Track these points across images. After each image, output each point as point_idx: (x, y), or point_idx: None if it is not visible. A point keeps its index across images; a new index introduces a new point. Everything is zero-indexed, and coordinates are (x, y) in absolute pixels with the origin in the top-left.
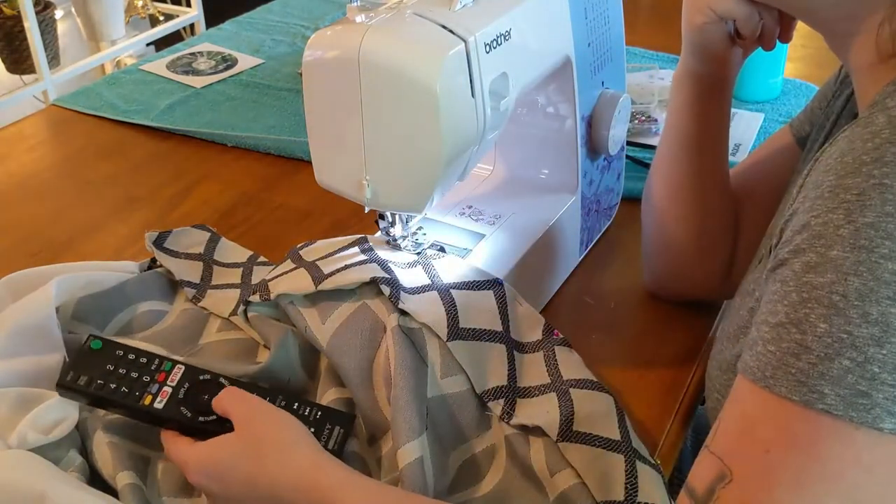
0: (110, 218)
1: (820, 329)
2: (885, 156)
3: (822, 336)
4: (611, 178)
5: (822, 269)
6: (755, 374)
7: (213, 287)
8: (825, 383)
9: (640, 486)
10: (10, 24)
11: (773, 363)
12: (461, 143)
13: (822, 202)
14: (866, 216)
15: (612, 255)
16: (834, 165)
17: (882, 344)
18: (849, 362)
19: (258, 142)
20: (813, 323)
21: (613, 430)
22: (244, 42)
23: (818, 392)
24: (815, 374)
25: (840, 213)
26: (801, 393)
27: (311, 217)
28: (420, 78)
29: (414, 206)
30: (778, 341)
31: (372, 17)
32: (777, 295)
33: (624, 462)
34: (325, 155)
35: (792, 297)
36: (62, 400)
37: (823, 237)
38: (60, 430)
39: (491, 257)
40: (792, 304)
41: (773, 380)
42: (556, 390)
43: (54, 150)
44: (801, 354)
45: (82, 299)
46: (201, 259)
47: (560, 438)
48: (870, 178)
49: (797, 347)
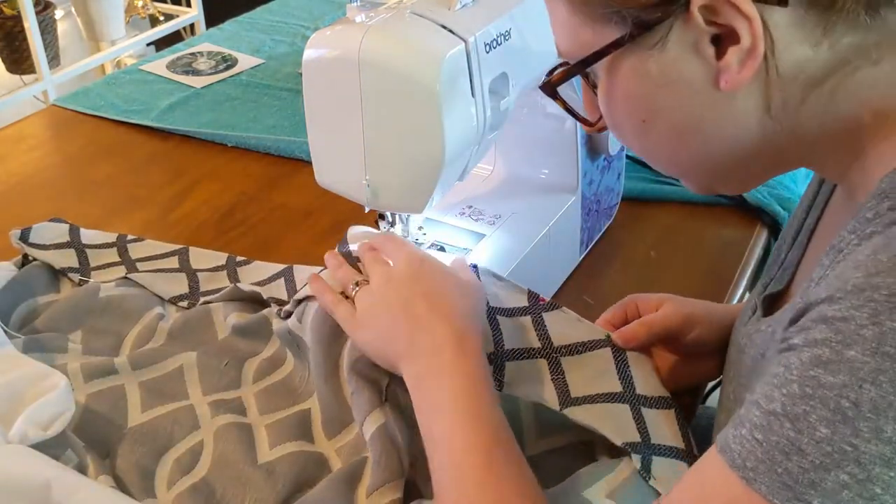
0: (110, 218)
1: (820, 434)
2: None
3: (822, 442)
4: (611, 178)
5: (834, 368)
6: (734, 459)
7: (96, 269)
8: (815, 494)
9: (652, 429)
10: (10, 24)
11: (757, 454)
12: (461, 143)
13: (847, 297)
14: (895, 320)
15: (612, 255)
16: (864, 262)
17: (891, 466)
18: (848, 477)
19: (258, 142)
20: (812, 424)
21: (614, 384)
22: (244, 42)
23: (804, 501)
24: (805, 482)
25: (865, 312)
26: (785, 497)
27: (311, 217)
28: (420, 78)
29: (414, 206)
30: (768, 431)
31: (372, 17)
32: (777, 380)
33: (630, 409)
34: (325, 155)
35: (793, 388)
36: (59, 394)
37: (842, 333)
38: (59, 424)
39: (491, 257)
40: (791, 396)
41: (753, 472)
42: (546, 357)
43: (54, 150)
44: (791, 454)
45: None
46: (71, 246)
47: (563, 406)
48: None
49: (789, 445)
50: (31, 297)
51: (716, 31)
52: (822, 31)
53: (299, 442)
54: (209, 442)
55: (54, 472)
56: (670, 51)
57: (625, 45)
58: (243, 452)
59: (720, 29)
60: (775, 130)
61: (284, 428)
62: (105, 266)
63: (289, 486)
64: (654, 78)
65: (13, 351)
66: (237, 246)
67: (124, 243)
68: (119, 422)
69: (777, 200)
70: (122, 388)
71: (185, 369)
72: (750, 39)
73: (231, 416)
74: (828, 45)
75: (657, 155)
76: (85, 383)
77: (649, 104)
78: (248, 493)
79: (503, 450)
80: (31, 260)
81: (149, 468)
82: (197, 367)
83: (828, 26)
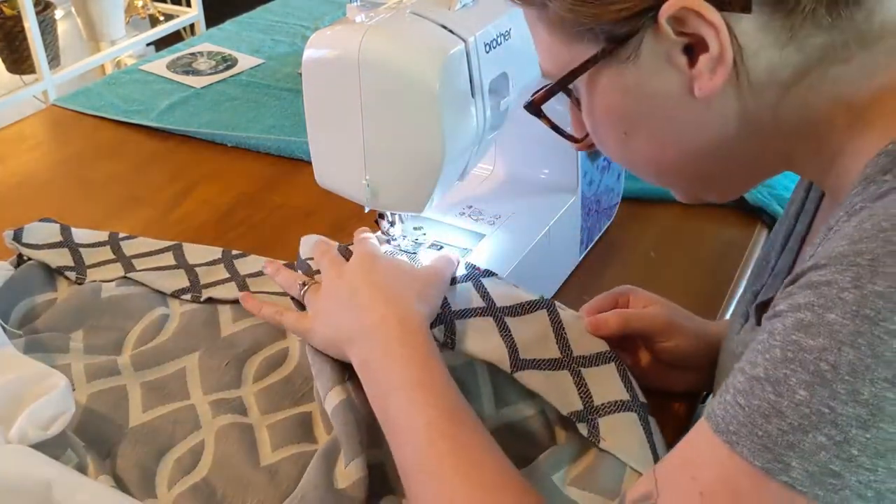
0: (110, 218)
1: (798, 396)
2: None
3: (800, 404)
4: (611, 178)
5: (814, 331)
6: (718, 424)
7: (91, 266)
8: (794, 455)
9: (594, 390)
10: (10, 24)
11: (739, 418)
12: (461, 143)
13: (831, 263)
14: (876, 284)
15: (612, 255)
16: (850, 233)
17: (868, 427)
18: (825, 439)
19: (258, 142)
20: (792, 387)
21: (553, 349)
22: (244, 42)
23: (783, 462)
24: (783, 443)
25: (848, 276)
26: (765, 459)
27: (311, 217)
28: (420, 78)
29: (414, 206)
30: (749, 395)
31: (372, 17)
32: (761, 346)
33: (570, 375)
34: (325, 155)
35: (775, 353)
36: (59, 394)
37: (824, 297)
38: (59, 424)
39: (491, 257)
40: (773, 361)
41: (735, 436)
42: (492, 315)
43: (54, 150)
44: (771, 417)
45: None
46: (65, 245)
47: (514, 369)
48: (887, 244)
49: (769, 409)
50: (28, 296)
51: (686, 41)
52: (789, 34)
53: (301, 444)
54: (210, 442)
55: (55, 472)
56: (644, 63)
57: (600, 61)
58: (245, 454)
59: (690, 38)
60: (753, 134)
61: (286, 429)
62: (101, 264)
63: (292, 487)
64: (631, 90)
65: (13, 351)
66: (237, 246)
67: (117, 241)
68: (120, 422)
69: (777, 200)
70: (124, 388)
71: (187, 371)
72: (718, 47)
73: (232, 417)
74: (795, 48)
75: (641, 166)
76: (87, 383)
77: (629, 116)
78: (249, 494)
79: (462, 419)
80: (27, 259)
81: (149, 468)
82: (198, 366)
83: (793, 29)
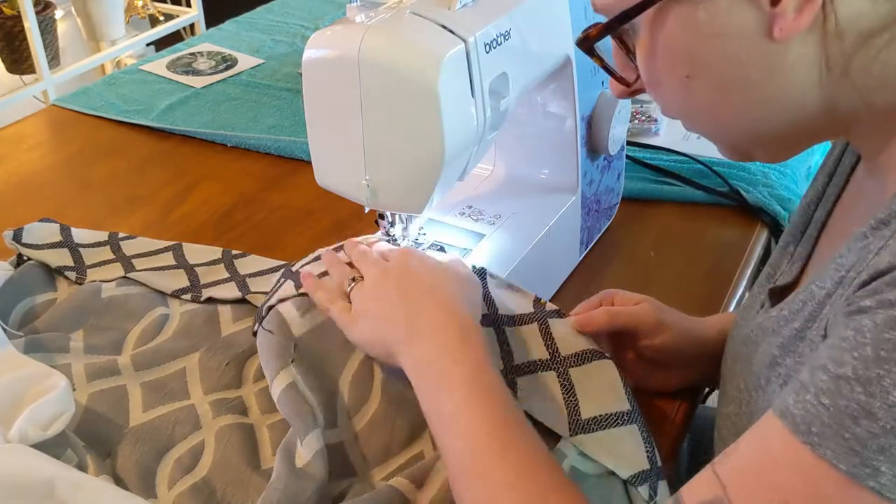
0: (110, 218)
1: (893, 397)
2: None
3: (894, 406)
4: (611, 177)
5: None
6: (797, 424)
7: (91, 266)
8: (884, 460)
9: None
10: (10, 24)
11: (823, 419)
12: (461, 143)
13: None
14: None
15: (612, 255)
16: None
17: None
18: None
19: (258, 142)
20: (886, 388)
21: (622, 401)
22: (244, 42)
23: (872, 467)
24: (874, 447)
25: None
26: (852, 463)
27: (312, 217)
28: (420, 78)
29: (414, 206)
30: (836, 395)
31: (372, 17)
32: (848, 344)
33: (638, 430)
34: (324, 155)
35: (866, 352)
36: (59, 394)
37: None
38: (59, 424)
39: (491, 257)
40: (864, 360)
41: (818, 438)
42: (554, 370)
43: (54, 150)
44: (861, 419)
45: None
46: (65, 245)
47: (572, 433)
48: None
49: (859, 410)
50: (28, 296)
51: None
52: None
53: None
54: (210, 442)
55: (57, 470)
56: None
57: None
58: (246, 455)
59: None
60: (825, 88)
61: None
62: (100, 264)
63: None
64: (702, 28)
65: (13, 351)
66: (237, 246)
67: (116, 241)
68: (120, 422)
69: (777, 200)
70: (124, 388)
71: (187, 371)
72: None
73: (232, 417)
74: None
75: (697, 114)
76: (87, 383)
77: (695, 57)
78: (249, 494)
79: (517, 424)
80: (27, 259)
81: (149, 468)
82: (198, 366)
83: None
